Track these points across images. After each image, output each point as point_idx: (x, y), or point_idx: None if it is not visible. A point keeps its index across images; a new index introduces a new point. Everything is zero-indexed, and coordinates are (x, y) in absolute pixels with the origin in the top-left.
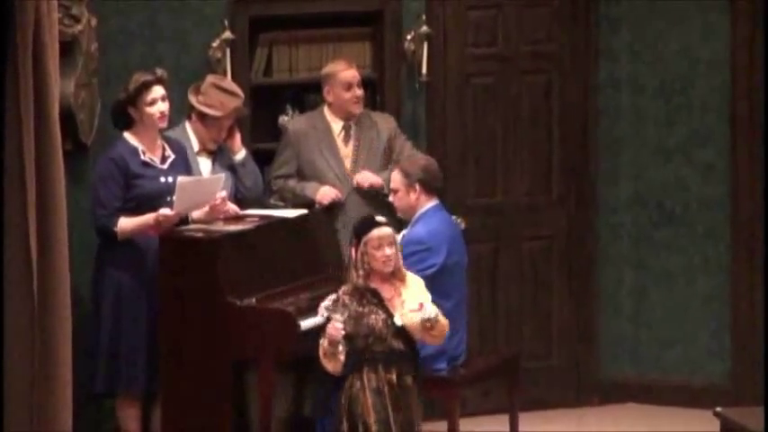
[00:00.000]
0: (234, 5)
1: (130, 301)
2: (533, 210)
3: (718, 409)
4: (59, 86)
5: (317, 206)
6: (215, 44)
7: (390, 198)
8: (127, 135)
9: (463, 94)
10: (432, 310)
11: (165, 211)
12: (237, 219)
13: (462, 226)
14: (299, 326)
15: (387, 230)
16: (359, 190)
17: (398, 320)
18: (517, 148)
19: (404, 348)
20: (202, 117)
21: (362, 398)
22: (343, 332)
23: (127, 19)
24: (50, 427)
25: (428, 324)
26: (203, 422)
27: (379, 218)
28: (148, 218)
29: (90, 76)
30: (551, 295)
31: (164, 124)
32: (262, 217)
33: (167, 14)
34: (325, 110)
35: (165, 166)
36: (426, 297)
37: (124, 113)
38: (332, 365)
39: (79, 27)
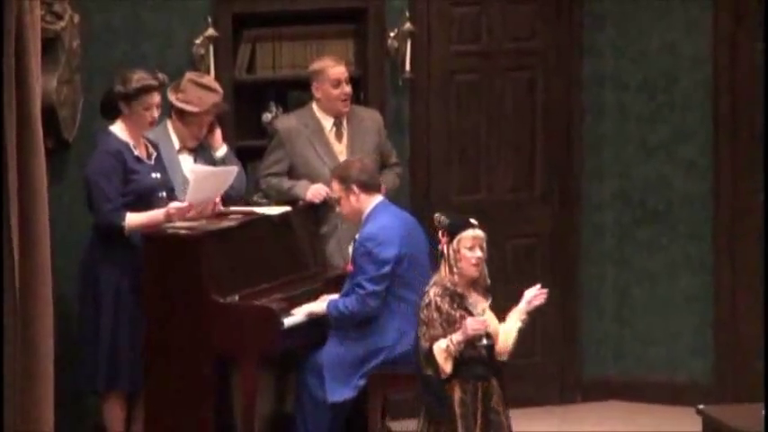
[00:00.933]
0: (218, 2)
1: (129, 301)
2: (517, 207)
3: (701, 406)
4: (41, 83)
5: (300, 203)
6: (198, 41)
7: (337, 209)
8: (115, 130)
9: (447, 91)
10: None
11: (176, 204)
12: (221, 216)
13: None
14: (282, 323)
15: (481, 232)
16: None
17: (490, 328)
18: (501, 145)
19: (486, 354)
20: (182, 114)
21: (452, 409)
22: (486, 326)
23: (110, 15)
24: (32, 423)
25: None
26: (186, 419)
27: (473, 220)
28: (158, 213)
29: (72, 73)
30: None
31: (149, 130)
32: (245, 214)
33: (150, 11)
34: (314, 107)
35: (152, 162)
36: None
37: (113, 105)
38: (448, 365)
39: (62, 24)
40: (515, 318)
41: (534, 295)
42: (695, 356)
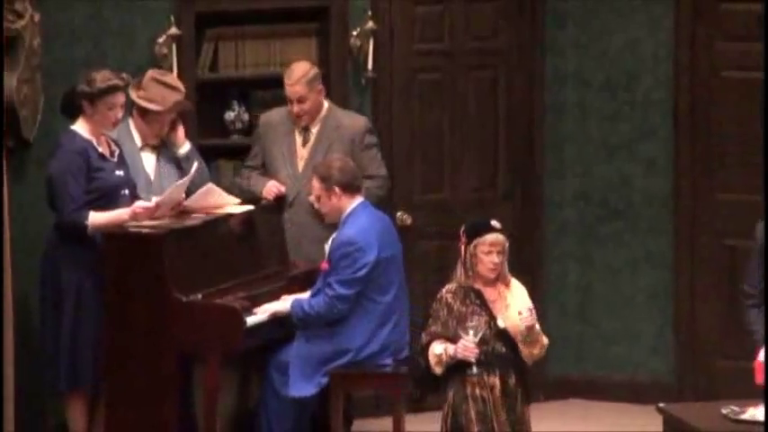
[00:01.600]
0: (180, 1)
1: (91, 301)
2: (480, 206)
3: (661, 405)
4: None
5: (263, 202)
6: (161, 40)
7: (316, 206)
8: (78, 128)
9: (409, 90)
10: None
11: (142, 203)
12: (184, 214)
13: (408, 222)
14: (245, 321)
15: (500, 237)
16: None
17: (501, 323)
18: (463, 144)
19: (505, 351)
20: (144, 112)
21: (465, 407)
22: (476, 354)
23: (71, 14)
24: None
25: (530, 335)
26: (149, 418)
27: (495, 222)
28: (123, 212)
29: (33, 72)
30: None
31: (112, 130)
32: (208, 213)
33: (112, 9)
34: None
35: (116, 160)
36: (529, 304)
37: (76, 104)
38: (438, 368)
39: (22, 23)
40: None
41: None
42: (656, 355)
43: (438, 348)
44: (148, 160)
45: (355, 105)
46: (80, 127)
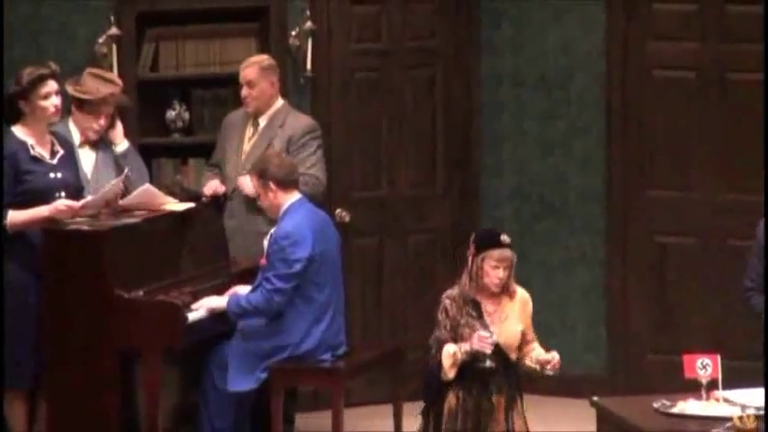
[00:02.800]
0: (120, 1)
1: (18, 296)
2: (418, 203)
3: (595, 398)
4: None
5: (203, 199)
6: (101, 40)
7: (258, 202)
8: (15, 130)
9: (347, 88)
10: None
11: (65, 201)
12: (125, 212)
13: (347, 219)
14: (187, 318)
15: (508, 253)
16: None
17: (495, 338)
18: (402, 141)
19: (495, 366)
20: (80, 104)
21: (451, 414)
22: (491, 345)
23: (9, 13)
24: None
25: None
26: (90, 415)
27: (504, 237)
28: (42, 209)
29: None
30: (435, 288)
31: (56, 118)
32: (149, 210)
33: (52, 8)
34: None
35: (55, 162)
36: (528, 319)
37: (14, 107)
38: (452, 371)
39: None
40: (534, 357)
41: (547, 360)
42: (589, 350)
43: (451, 348)
44: (87, 158)
45: (294, 104)
46: (19, 129)
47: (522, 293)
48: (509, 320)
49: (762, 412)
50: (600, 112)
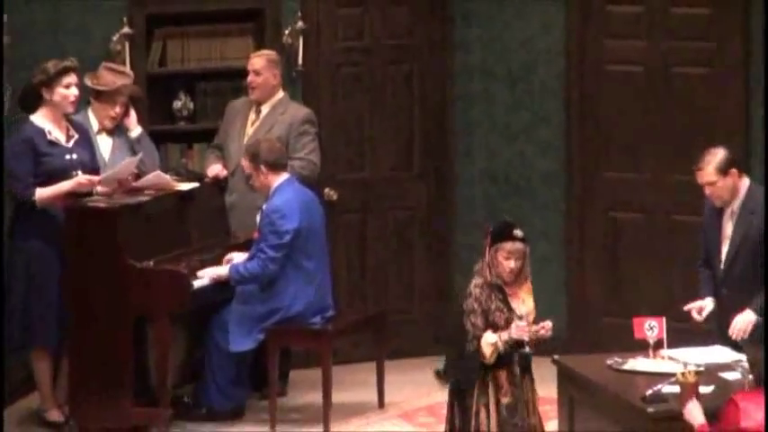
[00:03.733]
0: (132, 3)
1: (41, 266)
2: (397, 183)
3: (556, 356)
4: None
5: (206, 179)
6: (115, 38)
7: (250, 182)
8: (34, 118)
9: (334, 81)
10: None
11: (84, 176)
12: (136, 191)
13: (334, 197)
14: (192, 285)
15: (519, 246)
16: None
17: (522, 318)
18: (383, 129)
19: (533, 350)
20: (98, 96)
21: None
22: (529, 333)
23: (35, 15)
24: None
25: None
26: (107, 371)
27: (517, 231)
28: (65, 183)
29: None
30: (413, 258)
31: (72, 108)
32: (158, 190)
33: (71, 11)
34: None
35: (70, 145)
36: (530, 305)
37: (36, 95)
38: (492, 358)
39: None
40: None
41: (542, 326)
42: (550, 314)
43: (491, 338)
44: (104, 144)
45: (289, 96)
46: (37, 116)
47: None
48: (525, 303)
49: (702, 368)
50: (559, 103)
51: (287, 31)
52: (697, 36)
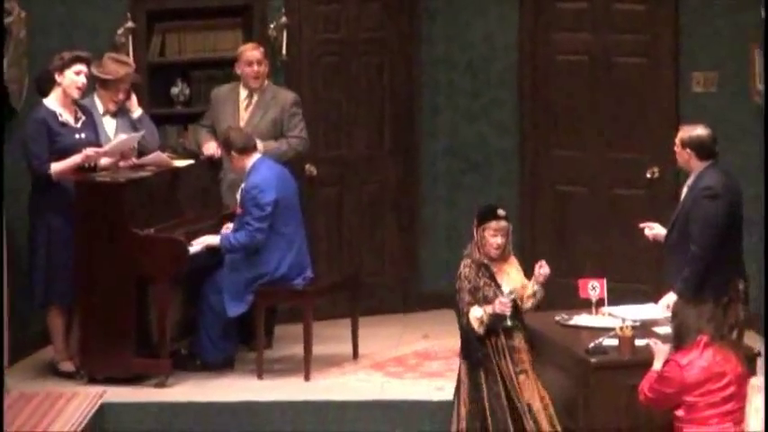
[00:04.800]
0: (135, 1)
1: (57, 234)
2: (370, 161)
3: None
4: None
5: (201, 157)
6: (120, 32)
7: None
8: (47, 101)
9: (314, 70)
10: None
11: (90, 149)
12: (139, 168)
13: (314, 173)
14: (188, 250)
15: (503, 224)
16: None
17: (506, 289)
18: (357, 112)
19: (516, 324)
20: (102, 83)
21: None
22: (510, 309)
23: (49, 11)
24: None
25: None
26: (113, 327)
27: (501, 211)
28: (75, 158)
29: (20, 57)
30: (384, 227)
31: (79, 95)
32: (158, 166)
33: (81, 7)
34: (240, 82)
35: (78, 125)
36: (521, 279)
37: (51, 80)
38: (481, 329)
39: (11, 18)
40: (533, 283)
41: (540, 266)
42: None
43: (477, 312)
44: (109, 124)
45: (273, 82)
46: (50, 99)
47: (512, 258)
48: (510, 277)
49: (638, 323)
50: (514, 90)
51: (272, 26)
52: (634, 30)
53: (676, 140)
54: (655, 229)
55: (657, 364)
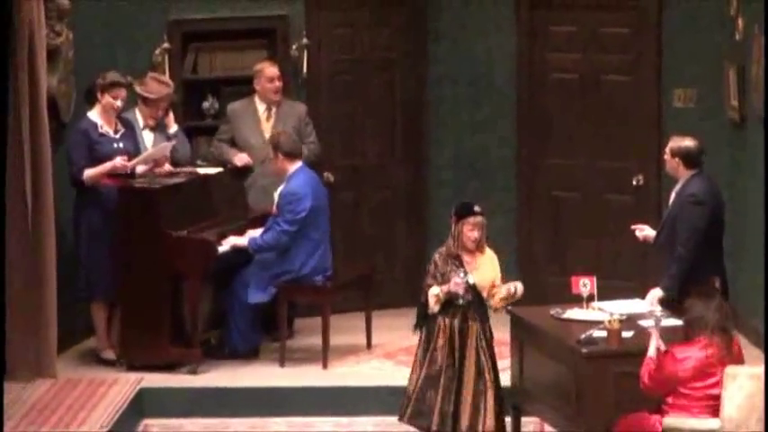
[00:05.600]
0: (171, 23)
1: (98, 234)
2: (382, 168)
3: (509, 307)
4: (47, 82)
5: (228, 166)
6: (157, 51)
7: (269, 167)
8: (90, 114)
9: (332, 87)
10: (513, 296)
11: (119, 160)
12: (173, 175)
13: (331, 179)
14: (217, 250)
15: (480, 219)
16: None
17: (471, 279)
18: (371, 124)
19: (472, 300)
20: (144, 100)
21: (439, 337)
22: (464, 288)
23: (94, 32)
24: (41, 318)
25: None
26: (150, 320)
27: (477, 207)
28: (106, 165)
29: (68, 74)
30: (395, 229)
31: (115, 115)
32: (190, 173)
33: (123, 29)
34: (255, 97)
35: (117, 136)
36: (496, 272)
37: (94, 94)
38: (436, 307)
39: (60, 39)
40: (506, 286)
41: (510, 292)
42: (505, 272)
43: (435, 290)
44: (148, 138)
45: (295, 98)
46: (93, 112)
47: (489, 251)
48: (480, 269)
49: (624, 317)
50: (512, 104)
51: (294, 47)
52: (620, 50)
53: (666, 149)
54: (645, 231)
55: (651, 350)
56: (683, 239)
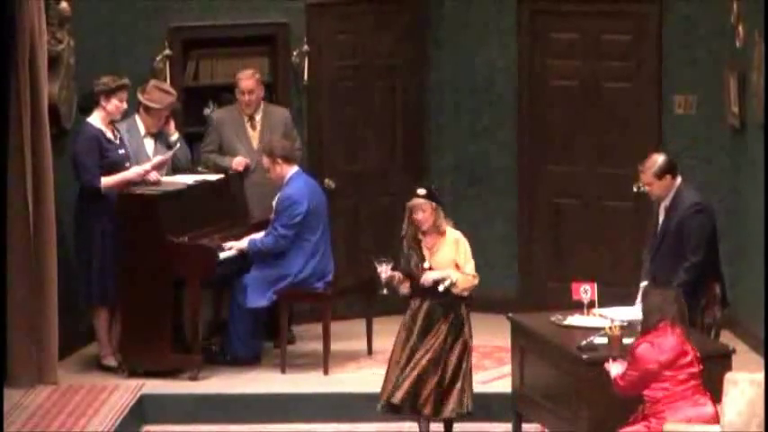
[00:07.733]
0: (172, 30)
1: (101, 240)
2: (383, 174)
3: (510, 314)
4: (48, 88)
5: (230, 171)
6: (158, 58)
7: (267, 174)
8: (92, 120)
9: (333, 94)
10: (448, 282)
11: (141, 168)
12: (175, 182)
13: (332, 186)
14: (218, 256)
15: (416, 201)
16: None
17: (427, 264)
18: (372, 131)
19: (409, 293)
20: (147, 109)
21: (408, 316)
22: (385, 276)
23: (95, 40)
24: (42, 324)
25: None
26: (151, 325)
27: (420, 190)
28: (128, 173)
29: (69, 81)
30: (396, 236)
31: (119, 117)
32: (192, 179)
33: (124, 36)
34: (239, 104)
35: (118, 142)
36: (459, 255)
37: (94, 101)
38: (405, 288)
39: (62, 46)
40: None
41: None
42: (506, 279)
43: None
44: (149, 144)
45: (296, 105)
46: (94, 119)
47: (454, 235)
48: (440, 252)
49: (625, 323)
50: (513, 111)
51: (295, 53)
52: (620, 57)
53: (648, 179)
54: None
55: (615, 370)
56: (693, 248)
